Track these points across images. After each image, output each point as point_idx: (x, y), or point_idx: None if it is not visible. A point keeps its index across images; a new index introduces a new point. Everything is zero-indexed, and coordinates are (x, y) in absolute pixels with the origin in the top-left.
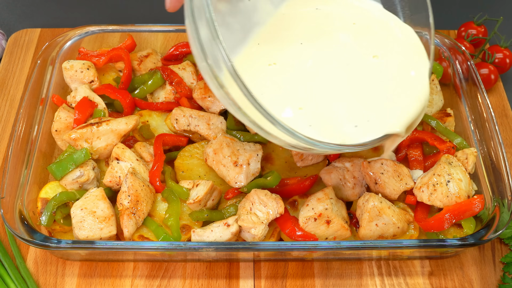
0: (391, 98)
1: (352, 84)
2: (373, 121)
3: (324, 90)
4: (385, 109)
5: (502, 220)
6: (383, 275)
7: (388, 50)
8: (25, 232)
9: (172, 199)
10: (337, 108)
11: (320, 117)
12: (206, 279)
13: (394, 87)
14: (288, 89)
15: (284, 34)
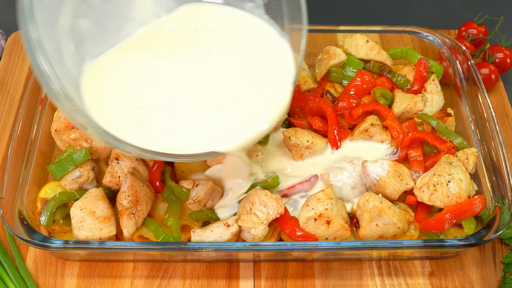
0: (229, 118)
1: (197, 100)
2: (205, 136)
3: (167, 103)
4: (220, 128)
5: (502, 220)
6: (383, 276)
7: (245, 68)
8: (24, 232)
9: (172, 199)
10: (175, 120)
11: (157, 127)
12: (206, 279)
13: (237, 108)
14: (131, 97)
15: (150, 46)
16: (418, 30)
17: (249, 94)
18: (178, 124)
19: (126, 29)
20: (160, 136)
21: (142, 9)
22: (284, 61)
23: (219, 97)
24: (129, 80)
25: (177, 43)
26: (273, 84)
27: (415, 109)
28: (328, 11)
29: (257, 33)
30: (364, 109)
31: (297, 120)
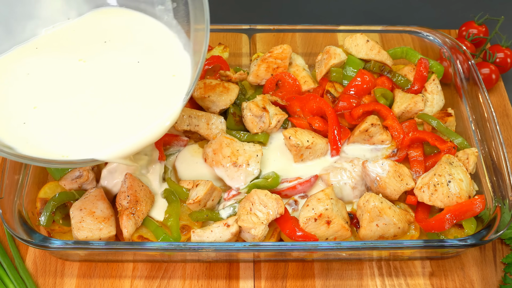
0: (114, 126)
1: (87, 104)
2: (87, 143)
3: (57, 104)
4: (102, 136)
5: (503, 221)
6: (383, 276)
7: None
8: (24, 232)
9: (172, 199)
10: (60, 123)
11: (41, 130)
12: (206, 280)
13: (123, 117)
14: (21, 98)
15: (54, 47)
16: (418, 30)
17: (137, 105)
18: (62, 129)
19: (31, 28)
20: (42, 139)
21: (50, 8)
22: (181, 76)
23: (108, 104)
24: (21, 81)
25: (80, 47)
26: (163, 99)
27: (415, 109)
28: (328, 11)
29: (162, 43)
30: (364, 109)
31: (297, 120)
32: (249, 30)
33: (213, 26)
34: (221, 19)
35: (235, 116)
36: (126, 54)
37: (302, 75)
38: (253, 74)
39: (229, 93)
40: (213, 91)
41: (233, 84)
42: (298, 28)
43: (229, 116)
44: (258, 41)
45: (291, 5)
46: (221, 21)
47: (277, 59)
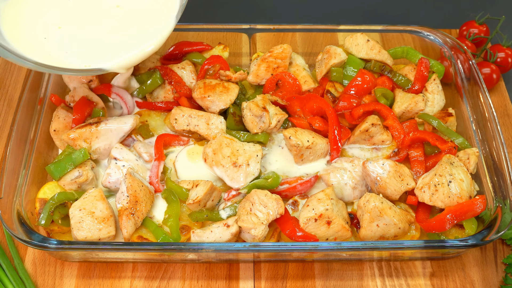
0: (120, 38)
1: (93, 20)
2: (99, 55)
3: (71, 21)
4: (110, 47)
5: (504, 221)
6: (384, 276)
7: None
8: (23, 233)
9: (172, 200)
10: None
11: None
12: (205, 280)
13: (128, 30)
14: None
15: None
16: (419, 29)
17: (139, 18)
18: (80, 44)
19: None
20: (63, 52)
21: None
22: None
23: (115, 26)
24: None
25: None
26: (161, 9)
27: (416, 109)
28: (329, 10)
29: None
30: (364, 109)
31: (297, 120)
32: (249, 30)
33: (213, 25)
34: (221, 18)
35: (235, 116)
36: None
37: (302, 74)
38: (253, 74)
39: (229, 93)
40: (213, 91)
41: (233, 84)
42: (298, 28)
43: (229, 116)
44: (258, 41)
45: (291, 5)
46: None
47: (277, 58)
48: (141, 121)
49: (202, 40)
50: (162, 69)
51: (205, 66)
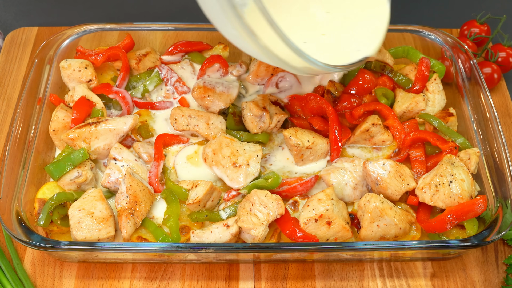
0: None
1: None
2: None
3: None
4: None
5: (505, 221)
6: (384, 277)
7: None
8: (22, 233)
9: (172, 200)
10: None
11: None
12: (205, 281)
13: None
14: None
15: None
16: (419, 29)
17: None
18: (334, 37)
19: None
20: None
21: None
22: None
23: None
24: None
25: None
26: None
27: (416, 109)
28: None
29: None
30: (365, 108)
31: (297, 120)
32: None
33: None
34: None
35: (235, 116)
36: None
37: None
38: (253, 74)
39: (229, 93)
40: (213, 91)
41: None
42: None
43: (228, 116)
44: None
45: None
46: None
47: None
48: (140, 121)
49: (202, 40)
50: (162, 68)
51: (205, 66)
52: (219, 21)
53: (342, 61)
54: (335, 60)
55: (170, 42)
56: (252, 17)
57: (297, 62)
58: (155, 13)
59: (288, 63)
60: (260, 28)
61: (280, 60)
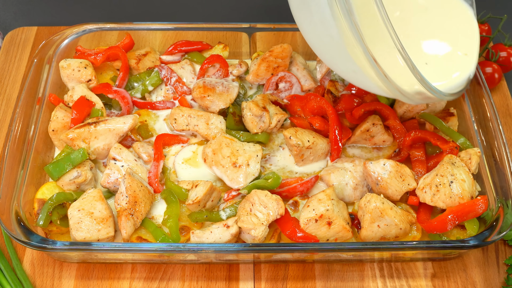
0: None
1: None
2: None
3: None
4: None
5: (506, 221)
6: (385, 277)
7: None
8: (21, 233)
9: (171, 200)
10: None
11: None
12: (205, 281)
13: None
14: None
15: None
16: None
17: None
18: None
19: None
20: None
21: None
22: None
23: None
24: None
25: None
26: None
27: (417, 109)
28: None
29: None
30: (365, 108)
31: (297, 120)
32: (249, 29)
33: (212, 24)
34: (221, 17)
35: (234, 116)
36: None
37: (302, 74)
38: (253, 74)
39: (229, 93)
40: (213, 91)
41: (233, 83)
42: None
43: (228, 115)
44: (258, 40)
45: None
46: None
47: (278, 58)
48: (140, 121)
49: (201, 40)
50: (162, 68)
51: (205, 66)
52: (340, 58)
53: (450, 87)
54: (445, 87)
55: (170, 41)
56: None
57: (414, 91)
58: (154, 13)
59: (405, 92)
60: (388, 61)
61: (399, 90)
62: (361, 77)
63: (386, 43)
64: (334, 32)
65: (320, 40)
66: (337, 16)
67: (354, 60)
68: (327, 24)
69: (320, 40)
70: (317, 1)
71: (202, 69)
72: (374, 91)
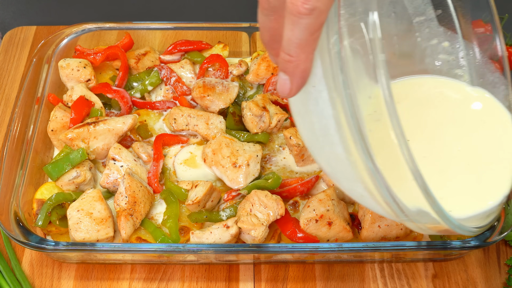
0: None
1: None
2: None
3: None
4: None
5: (507, 222)
6: (385, 278)
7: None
8: (20, 234)
9: (171, 200)
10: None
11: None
12: (205, 282)
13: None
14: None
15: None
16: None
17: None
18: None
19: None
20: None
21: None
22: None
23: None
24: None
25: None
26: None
27: None
28: None
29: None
30: None
31: None
32: (249, 28)
33: (212, 24)
34: (220, 17)
35: (234, 116)
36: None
37: None
38: (253, 73)
39: (228, 92)
40: (212, 90)
41: (233, 83)
42: None
43: (228, 115)
44: (258, 40)
45: None
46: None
47: None
48: (139, 121)
49: (201, 39)
50: (161, 68)
51: (205, 65)
52: (346, 179)
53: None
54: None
55: (170, 41)
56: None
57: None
58: (154, 12)
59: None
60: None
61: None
62: (370, 203)
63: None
64: (339, 150)
65: (322, 152)
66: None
67: (363, 187)
68: (332, 141)
69: (322, 152)
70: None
71: (202, 68)
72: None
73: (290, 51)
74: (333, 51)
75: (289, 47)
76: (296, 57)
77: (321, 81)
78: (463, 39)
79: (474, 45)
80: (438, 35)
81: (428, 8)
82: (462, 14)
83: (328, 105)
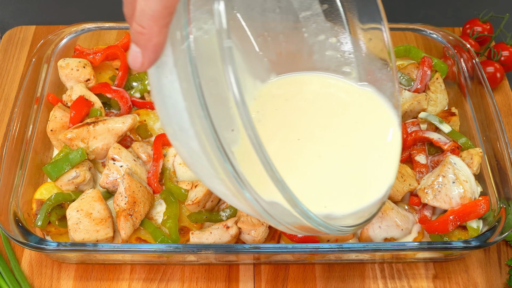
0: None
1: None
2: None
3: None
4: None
5: (508, 222)
6: (386, 278)
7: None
8: (19, 234)
9: (171, 201)
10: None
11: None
12: (205, 282)
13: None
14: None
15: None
16: (422, 27)
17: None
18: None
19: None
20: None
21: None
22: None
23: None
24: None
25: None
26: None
27: (418, 108)
28: None
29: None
30: None
31: None
32: None
33: None
34: None
35: None
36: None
37: None
38: None
39: None
40: None
41: None
42: None
43: None
44: None
45: None
46: None
47: None
48: (139, 120)
49: None
50: None
51: None
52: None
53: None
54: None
55: None
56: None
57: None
58: None
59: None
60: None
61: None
62: (233, 201)
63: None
64: (195, 145)
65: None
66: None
67: (222, 183)
68: (188, 137)
69: (183, 147)
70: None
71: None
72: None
73: (142, 22)
74: (183, 40)
75: (142, 18)
76: (149, 29)
77: (172, 71)
78: (350, 35)
79: (361, 41)
80: (325, 31)
81: (314, 2)
82: (349, 9)
83: (181, 97)
